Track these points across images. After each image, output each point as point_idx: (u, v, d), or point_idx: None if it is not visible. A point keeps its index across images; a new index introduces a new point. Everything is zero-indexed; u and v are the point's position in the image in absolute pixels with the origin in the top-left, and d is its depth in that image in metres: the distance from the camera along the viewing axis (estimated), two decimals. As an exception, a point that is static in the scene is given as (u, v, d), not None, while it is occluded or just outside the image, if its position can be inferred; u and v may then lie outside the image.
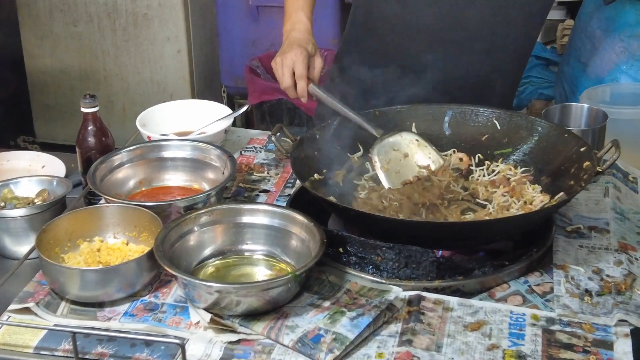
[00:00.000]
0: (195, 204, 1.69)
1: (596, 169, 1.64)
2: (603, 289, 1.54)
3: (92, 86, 3.95)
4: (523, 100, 3.47)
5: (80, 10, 3.89)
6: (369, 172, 1.84)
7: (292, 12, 1.99)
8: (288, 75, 1.88)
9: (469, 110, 1.91)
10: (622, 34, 2.74)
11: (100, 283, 1.50)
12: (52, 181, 1.84)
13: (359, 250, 1.58)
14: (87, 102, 1.85)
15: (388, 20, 2.04)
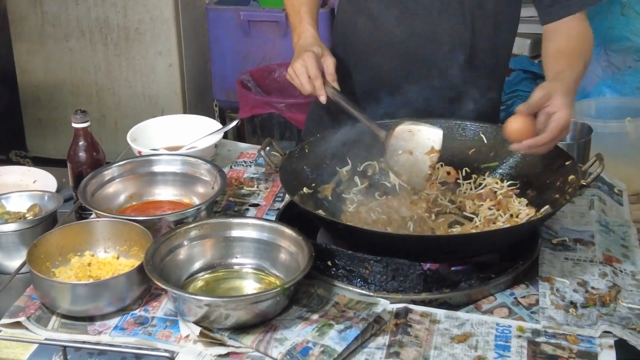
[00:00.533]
0: (185, 218, 1.71)
1: (581, 183, 1.67)
2: (588, 301, 1.56)
3: (83, 100, 3.97)
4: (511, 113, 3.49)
5: (72, 25, 3.91)
6: (357, 186, 1.86)
7: (297, 25, 2.01)
8: (305, 80, 1.87)
9: (456, 125, 1.93)
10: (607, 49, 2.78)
11: (91, 297, 1.51)
12: (43, 196, 1.85)
13: (347, 263, 1.59)
14: (78, 117, 1.87)
15: (362, 38, 2.07)
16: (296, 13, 2.03)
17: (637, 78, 2.74)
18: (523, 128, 1.65)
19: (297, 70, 1.88)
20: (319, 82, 1.87)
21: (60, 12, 3.90)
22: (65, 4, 3.88)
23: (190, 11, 3.95)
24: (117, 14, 3.86)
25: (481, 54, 2.03)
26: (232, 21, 3.85)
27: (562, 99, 1.64)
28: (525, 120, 1.64)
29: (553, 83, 1.69)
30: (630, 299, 1.57)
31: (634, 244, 1.78)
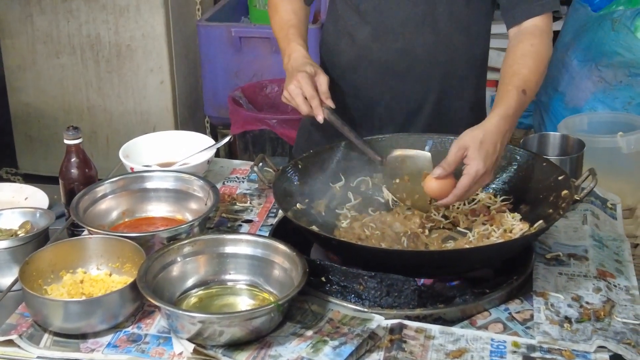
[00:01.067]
0: (178, 234, 1.70)
1: (574, 197, 1.67)
2: (582, 316, 1.56)
3: (75, 117, 3.96)
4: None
5: (63, 42, 3.90)
6: (350, 202, 1.85)
7: (286, 47, 2.01)
8: (302, 101, 1.87)
9: (449, 139, 1.92)
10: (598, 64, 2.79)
11: (84, 314, 1.50)
12: (35, 213, 1.84)
13: (341, 279, 1.59)
14: (70, 134, 1.86)
15: (344, 56, 2.09)
16: (284, 35, 2.03)
17: (628, 93, 2.75)
18: (442, 186, 1.69)
19: (292, 92, 1.88)
20: (315, 102, 1.87)
21: (51, 28, 3.90)
22: (56, 20, 3.88)
23: (181, 28, 3.95)
24: (108, 31, 3.86)
25: (458, 67, 2.06)
26: (224, 38, 3.85)
27: (475, 150, 1.66)
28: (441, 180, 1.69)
29: (470, 133, 1.70)
30: (624, 314, 1.57)
31: (628, 259, 1.78)
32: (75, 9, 3.84)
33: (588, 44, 2.82)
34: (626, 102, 2.76)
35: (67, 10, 3.85)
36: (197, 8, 4.09)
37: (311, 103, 1.87)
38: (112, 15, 3.83)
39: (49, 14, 3.87)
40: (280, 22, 2.06)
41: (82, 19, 3.85)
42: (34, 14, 3.89)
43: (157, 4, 3.77)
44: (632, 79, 2.73)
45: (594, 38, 2.78)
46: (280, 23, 2.06)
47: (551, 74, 3.04)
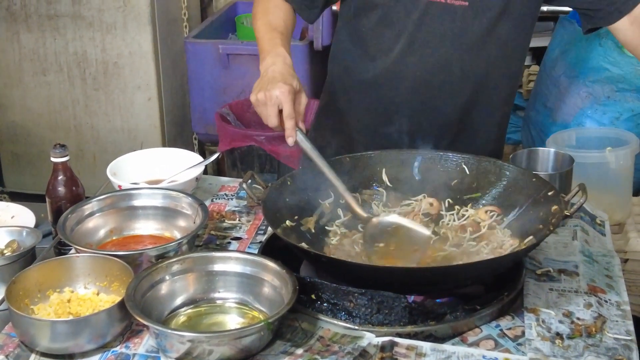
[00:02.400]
0: (166, 252, 1.69)
1: (564, 213, 1.66)
2: (574, 332, 1.55)
3: (62, 135, 3.95)
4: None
5: (50, 59, 3.89)
6: (340, 218, 1.84)
7: (271, 48, 1.91)
8: (274, 114, 1.77)
9: (438, 156, 1.93)
10: (586, 80, 2.80)
11: (71, 334, 1.49)
12: (22, 232, 1.82)
13: (331, 296, 1.58)
14: (57, 151, 1.85)
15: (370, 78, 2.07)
16: (271, 37, 1.95)
17: (616, 108, 2.76)
18: None
19: (270, 99, 1.77)
20: (292, 121, 1.78)
21: (38, 46, 3.89)
22: (43, 38, 3.87)
23: (169, 45, 3.95)
24: (95, 48, 3.85)
25: (491, 80, 2.06)
26: (211, 55, 3.85)
27: None
28: None
29: None
30: (616, 330, 1.56)
31: (618, 274, 1.78)
32: (61, 27, 3.84)
33: (576, 60, 2.83)
34: (614, 118, 2.77)
35: (54, 28, 3.84)
36: (184, 25, 4.09)
37: (286, 122, 1.78)
38: (99, 33, 3.82)
39: (35, 31, 3.87)
40: (269, 25, 2.00)
41: (69, 36, 3.85)
42: (20, 32, 3.88)
43: (144, 21, 3.77)
44: (619, 94, 2.74)
45: (582, 54, 2.79)
46: (269, 25, 2.00)
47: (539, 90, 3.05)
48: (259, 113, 1.80)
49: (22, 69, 3.93)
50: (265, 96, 1.77)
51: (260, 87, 1.80)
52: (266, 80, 1.80)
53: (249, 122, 3.78)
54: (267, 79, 1.81)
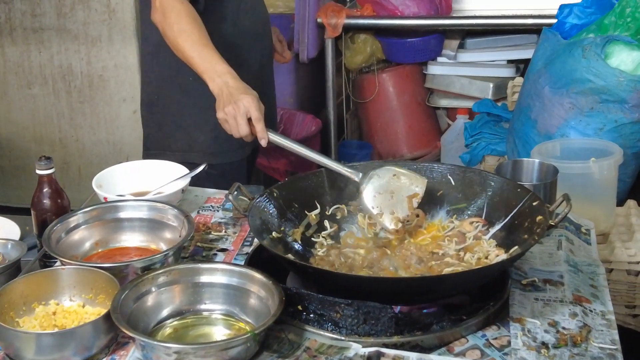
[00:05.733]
0: (152, 264, 1.68)
1: (549, 223, 1.67)
2: (559, 341, 1.56)
3: (47, 148, 3.93)
4: (476, 155, 3.54)
5: (35, 72, 3.88)
6: (326, 230, 1.85)
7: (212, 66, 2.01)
8: (245, 122, 1.91)
9: (424, 167, 1.93)
10: (570, 91, 2.82)
11: (57, 347, 1.48)
12: (7, 244, 1.82)
13: (317, 307, 1.58)
14: (42, 164, 1.84)
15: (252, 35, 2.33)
16: (202, 47, 2.04)
17: (600, 119, 2.78)
18: None
19: (239, 110, 1.91)
20: (261, 124, 1.91)
21: (22, 59, 3.88)
22: (27, 51, 3.86)
23: (154, 58, 3.94)
24: (80, 61, 3.84)
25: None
26: (197, 67, 3.85)
27: None
28: None
29: None
30: (601, 339, 1.57)
31: (603, 284, 1.78)
32: (46, 40, 3.83)
33: (559, 71, 2.85)
34: (598, 129, 2.79)
35: (39, 41, 3.83)
36: (169, 38, 4.08)
37: (257, 125, 1.91)
38: (84, 46, 3.82)
39: (20, 44, 3.86)
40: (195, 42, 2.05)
41: (54, 49, 3.84)
42: (5, 45, 3.87)
43: (129, 34, 3.77)
44: (603, 105, 2.76)
45: (565, 65, 2.81)
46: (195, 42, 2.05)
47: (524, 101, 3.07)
48: (229, 128, 1.94)
49: (7, 82, 3.92)
50: (234, 109, 1.92)
51: (224, 103, 1.94)
52: (227, 96, 1.95)
53: (235, 135, 3.78)
54: (227, 95, 1.95)
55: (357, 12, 3.92)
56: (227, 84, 1.97)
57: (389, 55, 4.16)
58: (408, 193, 1.83)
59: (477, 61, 4.07)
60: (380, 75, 4.17)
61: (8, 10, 3.85)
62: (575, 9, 3.04)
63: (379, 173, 1.85)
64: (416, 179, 1.85)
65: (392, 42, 4.08)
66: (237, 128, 1.92)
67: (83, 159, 3.98)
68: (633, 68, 2.74)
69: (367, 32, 4.08)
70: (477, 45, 4.07)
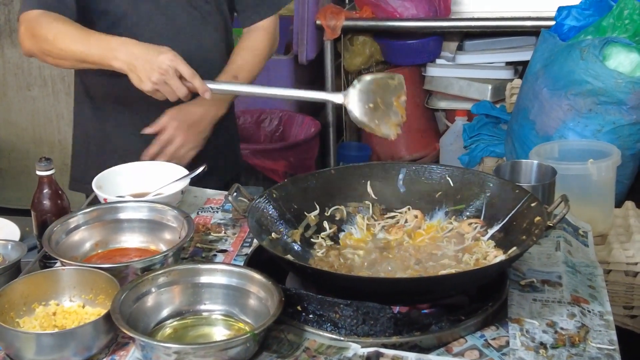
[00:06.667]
0: (152, 265, 1.69)
1: (547, 224, 1.68)
2: (557, 342, 1.57)
3: (46, 150, 3.94)
4: (475, 157, 3.54)
5: (34, 74, 3.89)
6: (325, 231, 1.85)
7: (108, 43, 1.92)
8: (178, 82, 1.83)
9: (422, 168, 1.94)
10: (568, 92, 2.82)
11: (57, 347, 1.48)
12: (7, 245, 1.82)
13: (317, 307, 1.58)
14: (42, 165, 1.85)
15: None
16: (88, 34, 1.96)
17: (598, 121, 2.79)
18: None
19: (167, 72, 1.81)
20: (198, 78, 1.84)
21: (22, 61, 3.89)
22: (27, 53, 3.86)
23: (153, 59, 3.95)
24: (80, 63, 3.85)
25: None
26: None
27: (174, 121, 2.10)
28: None
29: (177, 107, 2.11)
30: (599, 339, 1.58)
31: (601, 285, 1.79)
32: (46, 41, 3.83)
33: (557, 73, 2.85)
34: (596, 130, 2.79)
35: (38, 43, 3.84)
36: (169, 40, 4.09)
37: (193, 81, 1.84)
38: (84, 47, 3.82)
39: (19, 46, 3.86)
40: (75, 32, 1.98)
41: (54, 51, 3.84)
42: (5, 46, 3.88)
43: (129, 36, 3.77)
44: (601, 107, 2.77)
45: (563, 67, 2.82)
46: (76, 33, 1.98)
47: (522, 103, 3.08)
48: (162, 95, 1.87)
49: (7, 84, 3.93)
50: (160, 73, 1.82)
51: (146, 72, 1.84)
52: (144, 63, 1.84)
53: (234, 136, 3.79)
54: (143, 63, 1.84)
55: (356, 14, 3.93)
56: (133, 53, 1.86)
57: (387, 57, 4.17)
58: (393, 96, 1.81)
59: (476, 63, 4.08)
60: (379, 77, 4.18)
61: (8, 12, 3.86)
62: (573, 11, 3.05)
63: (359, 87, 1.84)
64: (393, 79, 1.84)
65: (391, 44, 4.09)
66: (173, 91, 1.82)
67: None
68: (631, 70, 2.75)
69: (366, 34, 4.09)
70: (475, 47, 4.08)
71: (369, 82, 1.84)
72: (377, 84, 1.83)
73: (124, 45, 1.90)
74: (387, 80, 1.84)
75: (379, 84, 1.83)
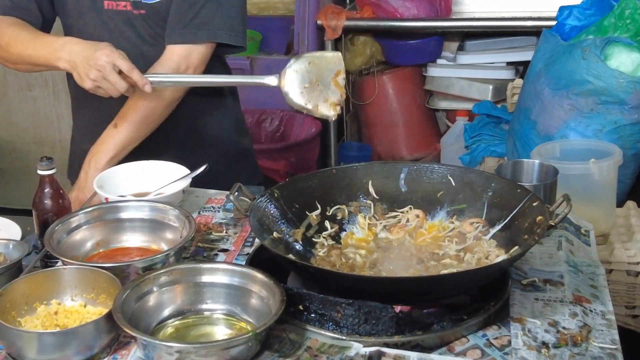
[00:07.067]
0: (153, 264, 1.69)
1: (549, 223, 1.68)
2: (559, 341, 1.56)
3: (47, 150, 3.94)
4: (476, 157, 3.54)
5: (35, 74, 3.89)
6: (327, 230, 1.85)
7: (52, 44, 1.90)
8: (117, 78, 1.78)
9: (424, 167, 1.94)
10: (569, 92, 2.83)
11: (58, 346, 1.48)
12: (8, 244, 1.82)
13: (318, 307, 1.58)
14: (44, 164, 1.85)
15: None
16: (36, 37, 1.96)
17: (599, 120, 2.79)
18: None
19: (105, 68, 1.77)
20: (137, 72, 1.79)
21: (23, 61, 3.88)
22: (28, 53, 3.86)
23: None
24: (81, 63, 3.85)
25: None
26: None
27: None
28: None
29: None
30: (601, 339, 1.58)
31: (603, 284, 1.79)
32: (47, 41, 3.83)
33: (559, 73, 2.86)
34: (597, 130, 2.80)
35: (39, 43, 3.84)
36: (170, 40, 4.09)
37: (132, 75, 1.78)
38: (85, 47, 3.82)
39: (20, 46, 3.86)
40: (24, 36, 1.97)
41: (54, 51, 3.84)
42: (6, 47, 3.87)
43: (130, 36, 3.77)
44: (603, 106, 2.77)
45: (565, 67, 2.82)
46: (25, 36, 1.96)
47: (523, 103, 3.08)
48: (104, 92, 1.82)
49: (7, 84, 3.93)
50: (98, 69, 1.78)
51: (84, 70, 1.80)
52: (82, 61, 1.81)
53: (235, 136, 3.78)
54: (82, 60, 1.81)
55: (357, 14, 3.93)
56: (73, 51, 1.84)
57: (388, 57, 4.17)
58: (331, 74, 1.77)
59: (477, 63, 4.08)
60: (380, 77, 4.18)
61: (8, 12, 3.85)
62: (574, 10, 3.05)
63: (294, 67, 1.79)
64: (331, 57, 1.79)
65: (391, 44, 4.09)
66: (114, 87, 1.79)
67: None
68: (632, 69, 2.75)
69: (366, 34, 4.09)
70: (476, 47, 4.09)
71: (303, 60, 1.79)
72: (314, 63, 1.78)
73: (67, 45, 1.88)
74: (324, 58, 1.78)
75: (315, 63, 1.78)
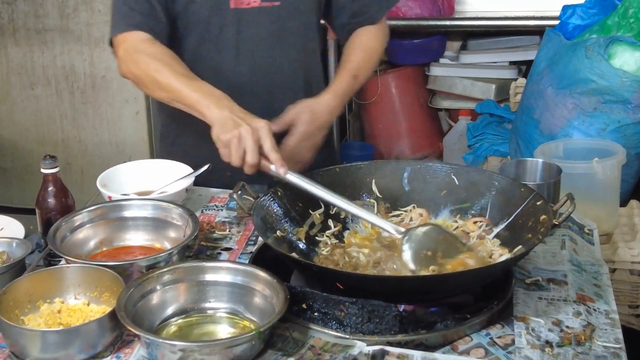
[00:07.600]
0: (157, 263, 1.69)
1: (552, 222, 1.67)
2: (563, 340, 1.56)
3: (50, 149, 3.94)
4: (479, 156, 3.54)
5: (38, 73, 3.89)
6: (330, 229, 1.85)
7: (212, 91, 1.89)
8: (255, 149, 1.77)
9: (428, 166, 1.94)
10: (573, 91, 2.83)
11: (62, 344, 1.48)
12: (11, 243, 1.82)
13: (322, 305, 1.58)
14: (47, 163, 1.85)
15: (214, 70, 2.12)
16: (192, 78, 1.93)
17: (602, 119, 2.79)
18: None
19: (249, 133, 1.75)
20: (278, 154, 1.77)
21: (25, 60, 3.89)
22: (30, 52, 3.87)
23: (157, 59, 3.95)
24: (83, 62, 3.85)
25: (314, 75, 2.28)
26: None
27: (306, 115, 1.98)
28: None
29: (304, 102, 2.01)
30: (605, 338, 1.57)
31: (606, 283, 1.79)
32: (49, 41, 3.84)
33: (562, 72, 2.86)
34: (601, 129, 2.80)
35: (42, 42, 3.85)
36: (172, 39, 4.09)
37: (272, 155, 1.76)
38: (87, 47, 3.83)
39: (23, 45, 3.87)
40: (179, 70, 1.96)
41: (57, 50, 3.85)
42: (8, 45, 3.88)
43: (133, 35, 3.77)
44: (606, 105, 2.77)
45: (568, 66, 2.82)
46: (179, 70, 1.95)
47: (526, 102, 3.08)
48: (228, 153, 1.80)
49: (10, 83, 3.93)
50: (245, 131, 1.77)
51: (231, 126, 1.78)
52: (235, 120, 1.80)
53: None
54: (235, 119, 1.80)
55: (360, 14, 3.92)
56: (232, 108, 1.83)
57: (391, 56, 4.17)
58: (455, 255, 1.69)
59: (480, 62, 4.08)
60: (383, 76, 4.18)
61: (11, 11, 3.86)
62: (578, 9, 3.05)
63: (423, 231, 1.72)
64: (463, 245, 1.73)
65: (394, 43, 4.08)
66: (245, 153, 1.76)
67: (86, 159, 3.99)
68: (636, 68, 2.75)
69: (369, 34, 4.08)
70: (479, 46, 4.08)
71: (436, 231, 1.73)
72: (445, 238, 1.73)
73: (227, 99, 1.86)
74: (456, 243, 1.73)
75: (446, 239, 1.72)
